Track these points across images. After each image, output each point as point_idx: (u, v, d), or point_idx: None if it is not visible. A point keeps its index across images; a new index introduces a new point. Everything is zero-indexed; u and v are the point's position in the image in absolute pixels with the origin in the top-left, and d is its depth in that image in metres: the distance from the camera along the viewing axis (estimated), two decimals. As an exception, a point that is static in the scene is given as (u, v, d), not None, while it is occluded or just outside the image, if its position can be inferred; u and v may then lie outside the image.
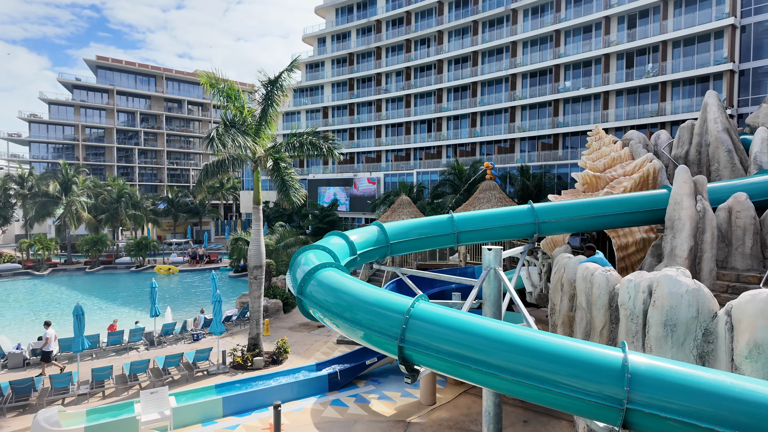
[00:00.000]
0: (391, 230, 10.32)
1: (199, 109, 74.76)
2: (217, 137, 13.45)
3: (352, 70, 54.25)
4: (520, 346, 4.59)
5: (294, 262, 8.39)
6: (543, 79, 40.76)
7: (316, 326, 20.82)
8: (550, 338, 4.61)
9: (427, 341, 5.33)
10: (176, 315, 22.56)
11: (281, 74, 15.19)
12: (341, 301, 6.55)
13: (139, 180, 67.03)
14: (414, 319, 5.51)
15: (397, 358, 5.67)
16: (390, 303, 5.89)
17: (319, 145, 16.22)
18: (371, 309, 6.06)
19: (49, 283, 33.04)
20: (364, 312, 6.14)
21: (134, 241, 38.24)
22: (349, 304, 6.39)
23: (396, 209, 22.72)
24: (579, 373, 4.34)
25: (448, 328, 5.21)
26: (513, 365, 4.53)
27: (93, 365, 15.56)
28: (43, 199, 38.48)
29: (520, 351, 4.56)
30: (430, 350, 5.28)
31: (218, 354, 15.85)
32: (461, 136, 45.46)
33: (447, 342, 5.16)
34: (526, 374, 4.51)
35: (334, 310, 6.57)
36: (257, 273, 16.24)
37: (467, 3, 45.88)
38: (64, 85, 64.11)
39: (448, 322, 5.29)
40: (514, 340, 4.64)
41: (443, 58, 46.45)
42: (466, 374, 5.09)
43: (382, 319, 5.84)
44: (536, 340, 4.58)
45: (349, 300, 6.45)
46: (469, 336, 4.95)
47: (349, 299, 6.46)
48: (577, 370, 4.31)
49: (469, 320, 5.14)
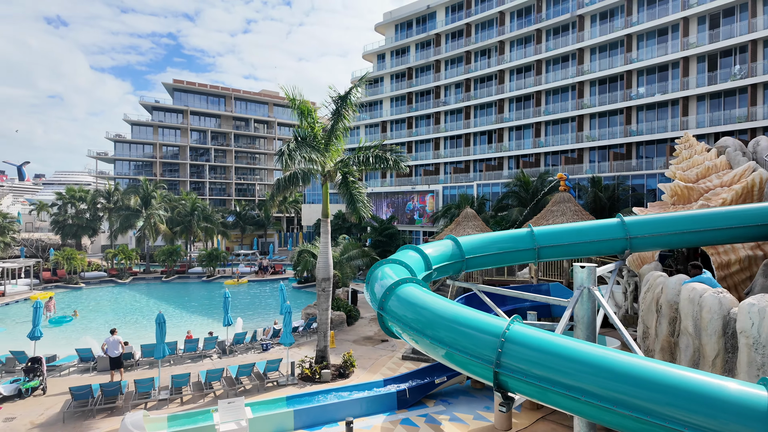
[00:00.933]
0: (467, 245, 9.94)
1: (264, 127, 78.25)
2: (288, 152, 13.77)
3: (410, 84, 54.60)
4: (646, 379, 4.08)
5: (371, 276, 8.25)
6: (613, 86, 38.78)
7: (380, 340, 20.65)
8: (680, 372, 4.07)
9: (527, 368, 4.92)
10: (245, 325, 23.27)
11: (351, 90, 15.40)
12: (424, 318, 6.28)
13: (209, 194, 70.95)
14: (511, 343, 5.12)
15: (491, 383, 5.30)
16: (482, 324, 5.54)
17: (385, 157, 16.20)
18: (459, 329, 5.73)
19: (131, 291, 35.43)
20: (451, 331, 5.83)
21: (206, 252, 40.25)
22: (434, 322, 6.10)
23: (460, 222, 22.20)
24: (719, 415, 3.77)
25: (552, 355, 4.77)
26: (637, 401, 4.03)
27: (171, 371, 16.30)
28: (126, 213, 41.59)
29: (646, 385, 4.05)
30: (531, 377, 4.87)
31: (287, 365, 16.06)
32: (524, 147, 44.11)
33: (550, 370, 4.73)
34: (651, 412, 4.00)
35: (416, 328, 6.31)
36: (325, 285, 16.36)
37: (530, 12, 44.88)
38: (145, 107, 69.58)
39: (552, 347, 4.86)
40: (640, 372, 4.14)
41: (505, 68, 45.55)
42: (573, 407, 4.63)
43: (472, 341, 5.50)
44: (665, 373, 4.05)
45: (433, 318, 6.17)
46: (579, 365, 4.49)
47: (433, 317, 6.18)
48: (718, 412, 3.75)
49: (579, 348, 4.68)
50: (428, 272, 9.10)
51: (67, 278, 36.11)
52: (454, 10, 51.28)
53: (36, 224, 55.76)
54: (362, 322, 23.94)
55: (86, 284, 36.20)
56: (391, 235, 41.13)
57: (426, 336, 6.11)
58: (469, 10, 49.32)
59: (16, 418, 13.10)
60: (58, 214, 44.12)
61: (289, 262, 46.71)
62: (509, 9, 45.78)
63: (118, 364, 15.88)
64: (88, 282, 36.63)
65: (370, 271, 8.39)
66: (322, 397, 13.54)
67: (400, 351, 18.71)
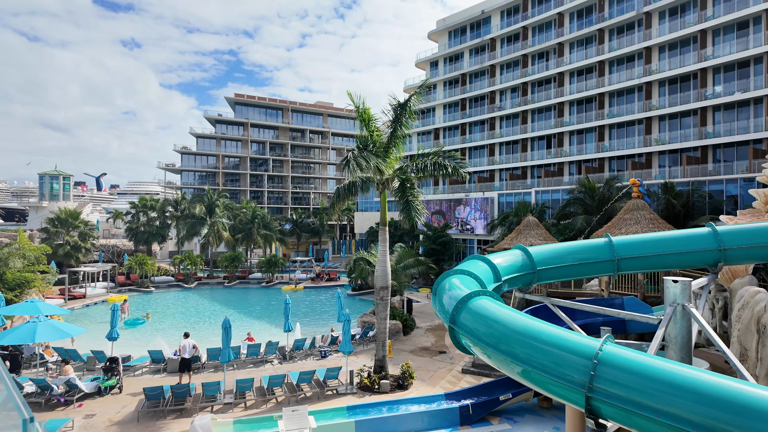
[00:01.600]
0: (538, 255, 9.44)
1: (318, 137, 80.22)
2: (354, 159, 13.83)
3: (464, 90, 53.92)
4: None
5: (438, 287, 7.99)
6: (685, 85, 36.23)
7: (438, 352, 20.20)
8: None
9: (625, 394, 4.46)
10: (302, 330, 23.60)
11: (411, 97, 15.28)
12: (500, 333, 5.93)
13: (267, 203, 73.53)
14: (605, 366, 4.69)
15: (581, 408, 4.87)
16: (569, 343, 5.12)
17: (443, 164, 15.89)
18: (541, 347, 5.35)
19: (195, 295, 37.16)
20: (530, 349, 5.45)
21: (265, 258, 41.54)
22: (510, 338, 5.74)
23: (521, 231, 21.35)
24: None
25: (658, 381, 4.29)
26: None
27: (235, 375, 16.75)
28: (192, 220, 43.82)
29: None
30: (630, 405, 4.41)
31: (346, 374, 16.03)
32: (586, 152, 42.13)
33: (655, 397, 4.25)
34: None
35: (491, 343, 5.97)
36: (383, 294, 16.23)
37: (591, 12, 43.07)
38: (209, 120, 73.45)
39: (655, 372, 4.38)
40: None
41: (564, 71, 43.87)
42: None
43: (557, 361, 5.10)
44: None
45: (510, 333, 5.81)
46: (692, 394, 4.00)
47: (510, 332, 5.82)
48: None
49: (690, 375, 4.18)
50: (498, 284, 8.71)
51: (139, 282, 38.48)
52: (509, 14, 50.22)
53: (112, 231, 60.10)
54: (418, 332, 23.59)
55: (156, 288, 38.38)
56: (445, 244, 40.52)
57: (501, 352, 5.77)
58: (525, 13, 48.10)
59: (95, 415, 13.91)
60: (132, 221, 47.27)
61: (343, 270, 47.25)
62: (568, 10, 44.17)
63: (188, 366, 16.50)
64: (157, 286, 38.83)
65: (437, 282, 8.13)
66: (383, 409, 13.33)
67: (459, 364, 18.19)
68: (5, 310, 18.30)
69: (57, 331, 14.90)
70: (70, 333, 15.27)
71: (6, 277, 25.04)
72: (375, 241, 59.57)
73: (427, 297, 33.32)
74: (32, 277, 26.22)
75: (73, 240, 41.57)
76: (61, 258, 39.62)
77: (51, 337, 14.74)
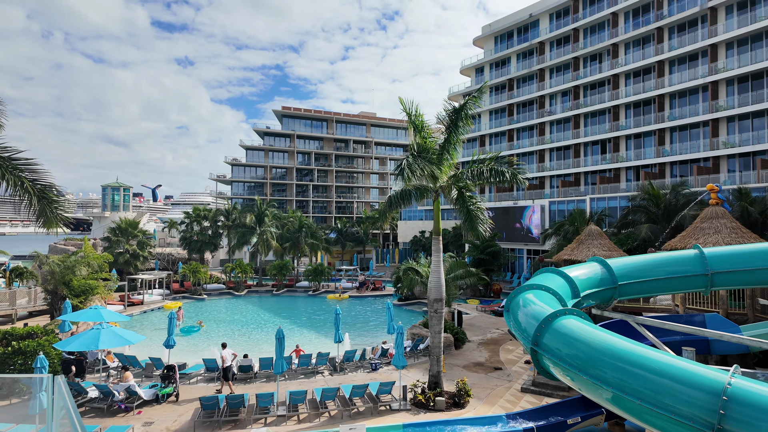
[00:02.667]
0: (619, 268, 8.60)
1: (362, 147, 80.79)
2: (407, 166, 13.44)
3: (511, 95, 52.67)
4: None
5: (512, 304, 7.36)
6: (758, 83, 33.60)
7: (493, 368, 19.30)
8: None
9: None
10: (350, 341, 23.29)
11: (467, 101, 14.75)
12: (598, 360, 5.23)
13: (312, 212, 74.57)
14: (738, 405, 3.95)
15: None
16: (690, 374, 4.40)
17: (501, 171, 15.19)
18: (652, 378, 4.63)
19: (245, 303, 37.84)
20: (638, 380, 4.73)
21: (312, 267, 41.84)
22: (613, 366, 5.02)
23: (583, 241, 20.11)
24: None
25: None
26: None
27: (287, 386, 16.60)
28: (243, 230, 44.89)
29: None
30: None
31: (399, 388, 15.50)
32: (645, 157, 39.87)
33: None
34: None
35: (587, 370, 5.28)
36: (437, 306, 15.63)
37: (648, 10, 40.98)
38: (257, 132, 75.65)
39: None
40: None
41: (619, 72, 41.89)
42: None
43: (675, 396, 4.37)
44: None
45: (610, 360, 5.09)
46: None
47: (610, 359, 5.10)
48: None
49: None
50: (576, 300, 7.96)
51: (192, 290, 39.66)
52: (558, 17, 48.70)
53: (167, 240, 62.73)
54: (470, 345, 22.72)
55: (208, 295, 39.42)
56: (494, 253, 39.26)
57: (598, 380, 5.06)
58: (575, 15, 46.47)
59: (154, 422, 14.09)
60: (186, 231, 49.05)
61: (388, 279, 46.83)
62: (623, 9, 42.24)
63: (228, 375, 16.63)
64: (209, 293, 39.88)
65: (511, 298, 7.50)
66: (441, 428, 12.68)
67: (518, 382, 17.24)
68: (71, 316, 19.12)
69: (118, 338, 15.31)
70: (130, 340, 15.66)
71: (72, 284, 26.36)
72: (418, 250, 58.95)
73: (476, 309, 32.28)
74: (96, 284, 27.49)
75: (132, 248, 43.55)
76: (121, 266, 41.55)
77: (113, 344, 15.15)
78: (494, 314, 30.08)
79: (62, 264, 27.07)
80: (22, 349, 15.94)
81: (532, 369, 18.67)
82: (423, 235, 59.56)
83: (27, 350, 15.95)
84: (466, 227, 15.00)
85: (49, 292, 27.27)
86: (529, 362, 19.91)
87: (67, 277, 26.48)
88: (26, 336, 17.60)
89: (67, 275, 26.54)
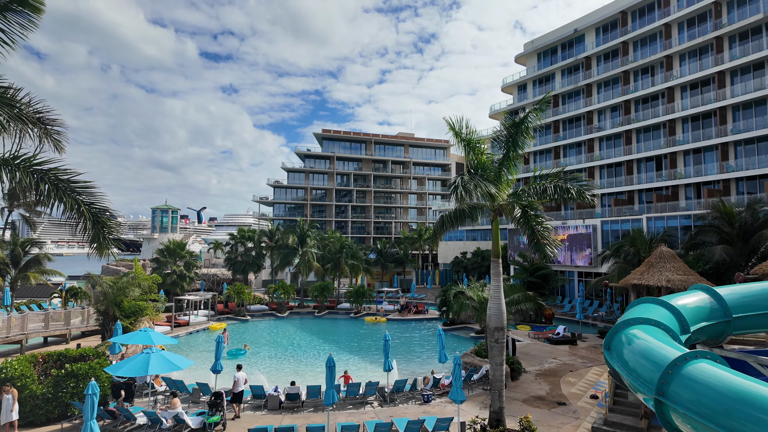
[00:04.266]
0: (732, 298, 7.39)
1: (399, 168, 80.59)
2: (462, 185, 12.63)
3: (556, 111, 51.13)
4: None
5: (613, 341, 6.32)
6: (836, 90, 30.88)
7: (556, 403, 17.77)
8: None
9: None
10: (399, 370, 22.23)
11: (527, 114, 13.89)
12: (752, 417, 4.17)
13: (351, 232, 74.47)
14: None
15: None
16: None
17: (566, 187, 14.09)
18: None
19: (288, 325, 37.49)
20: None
21: (354, 289, 41.21)
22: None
23: (654, 264, 18.48)
24: None
25: None
26: None
27: (336, 417, 15.75)
28: (286, 251, 44.99)
29: None
30: None
31: (457, 425, 14.35)
32: (707, 173, 37.31)
33: None
34: None
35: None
36: (498, 336, 14.49)
37: (704, 19, 38.97)
38: (299, 155, 76.93)
39: None
40: None
41: (674, 85, 39.80)
42: None
43: None
44: None
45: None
46: None
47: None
48: None
49: None
50: (687, 336, 6.81)
51: (237, 310, 39.78)
52: (605, 30, 47.21)
53: (212, 261, 63.97)
54: (527, 377, 21.17)
55: (251, 316, 39.39)
56: (545, 276, 37.41)
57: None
58: (624, 28, 44.88)
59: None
60: (231, 252, 49.72)
61: (431, 301, 45.49)
62: (677, 20, 40.38)
63: (239, 399, 16.49)
64: (252, 315, 39.86)
65: (611, 335, 6.45)
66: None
67: (587, 420, 15.69)
68: (122, 338, 19.14)
69: (168, 364, 15.01)
70: (179, 366, 15.34)
71: (123, 305, 26.77)
72: (460, 271, 57.28)
73: (528, 336, 30.48)
74: (145, 305, 27.82)
75: (179, 269, 44.41)
76: (168, 286, 42.34)
77: (162, 369, 14.86)
78: (548, 342, 28.22)
79: (114, 285, 27.60)
80: (74, 371, 15.93)
81: (601, 405, 17.03)
82: (464, 256, 57.95)
83: (79, 373, 15.93)
84: (533, 249, 13.91)
85: (101, 313, 27.80)
86: (595, 397, 18.23)
87: (118, 299, 26.93)
88: (79, 358, 17.68)
89: (118, 296, 27.01)
